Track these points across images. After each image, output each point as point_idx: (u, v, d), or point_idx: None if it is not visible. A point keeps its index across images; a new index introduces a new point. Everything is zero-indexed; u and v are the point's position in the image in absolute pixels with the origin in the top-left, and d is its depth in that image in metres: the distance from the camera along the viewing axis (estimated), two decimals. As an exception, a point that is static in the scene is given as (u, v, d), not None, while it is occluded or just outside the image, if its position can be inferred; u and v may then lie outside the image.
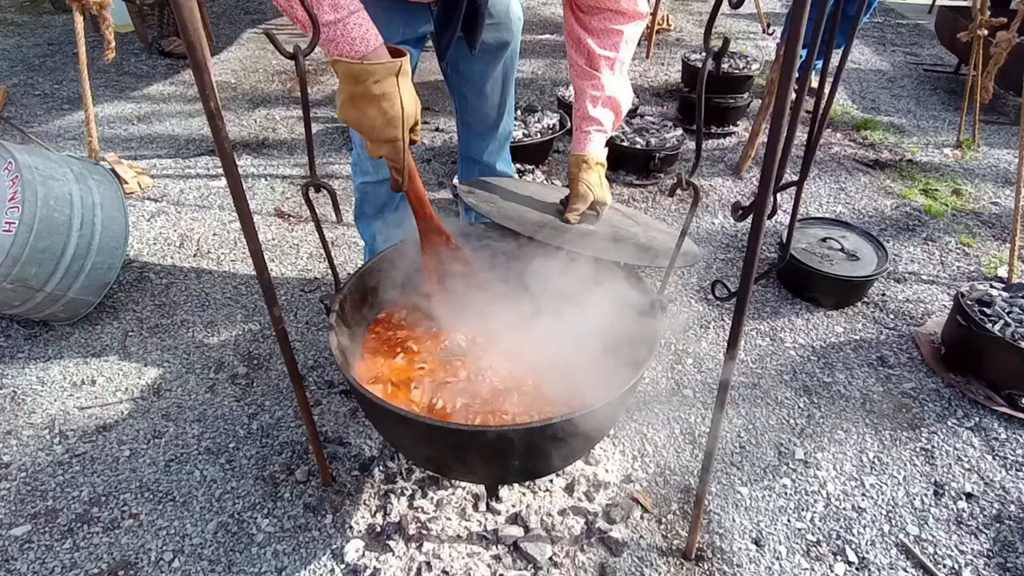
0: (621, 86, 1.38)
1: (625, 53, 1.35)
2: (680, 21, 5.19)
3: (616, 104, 1.37)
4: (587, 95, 1.35)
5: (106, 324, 1.98)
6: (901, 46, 4.87)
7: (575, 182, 1.34)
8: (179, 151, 3.03)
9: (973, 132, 3.28)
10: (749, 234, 0.94)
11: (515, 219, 1.29)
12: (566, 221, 1.34)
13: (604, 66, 1.34)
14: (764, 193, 0.95)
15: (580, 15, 1.32)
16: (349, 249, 2.35)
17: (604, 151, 1.38)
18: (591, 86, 1.35)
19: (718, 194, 2.76)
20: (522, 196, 1.43)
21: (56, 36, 4.63)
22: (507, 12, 1.57)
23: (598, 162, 1.36)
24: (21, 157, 1.73)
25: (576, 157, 1.36)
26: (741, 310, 0.99)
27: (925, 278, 2.30)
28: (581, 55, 1.35)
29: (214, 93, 0.89)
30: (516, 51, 1.70)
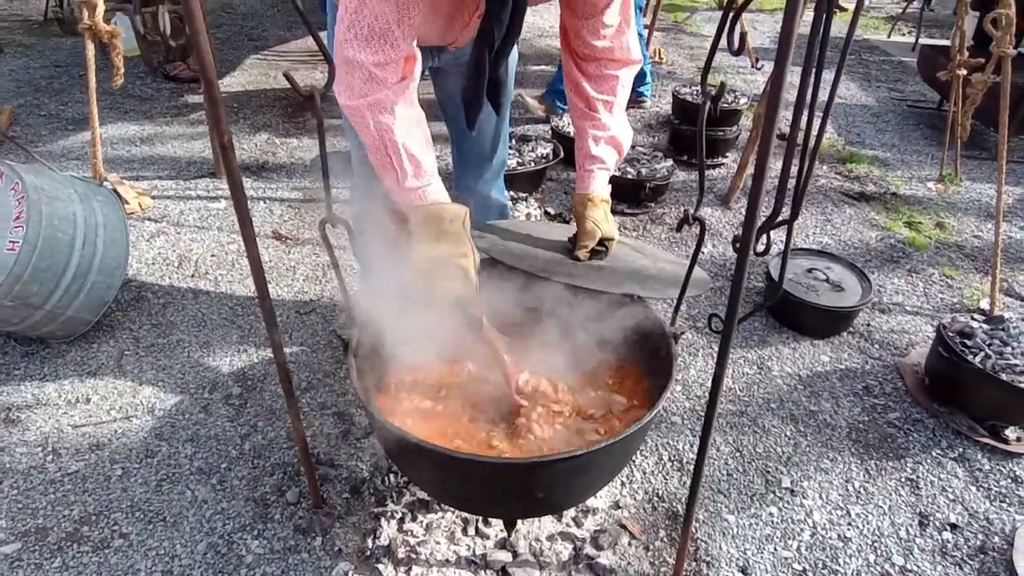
0: (621, 125, 1.43)
1: (621, 96, 1.42)
2: (672, 55, 5.34)
3: (618, 143, 1.43)
4: (588, 135, 1.41)
5: (102, 343, 2.00)
6: (886, 82, 5.02)
7: (582, 220, 1.38)
8: (180, 173, 3.08)
9: (955, 167, 3.37)
10: (734, 271, 0.99)
11: (527, 260, 1.33)
12: (576, 258, 1.38)
13: (602, 108, 1.40)
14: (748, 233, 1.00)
15: (578, 61, 1.39)
16: (345, 274, 2.38)
17: (608, 188, 1.43)
18: (592, 126, 1.41)
19: (707, 222, 2.82)
20: (530, 237, 1.46)
21: (63, 59, 4.72)
22: None
23: (603, 199, 1.40)
24: (28, 178, 1.77)
25: (582, 196, 1.40)
26: (725, 348, 1.02)
27: (909, 309, 2.35)
28: (580, 98, 1.41)
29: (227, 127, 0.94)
30: (512, 87, 1.77)
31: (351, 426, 1.74)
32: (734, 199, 2.95)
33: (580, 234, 1.39)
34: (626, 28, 1.36)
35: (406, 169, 1.16)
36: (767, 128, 0.89)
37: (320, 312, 2.17)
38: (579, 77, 1.40)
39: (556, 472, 1.06)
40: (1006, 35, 2.12)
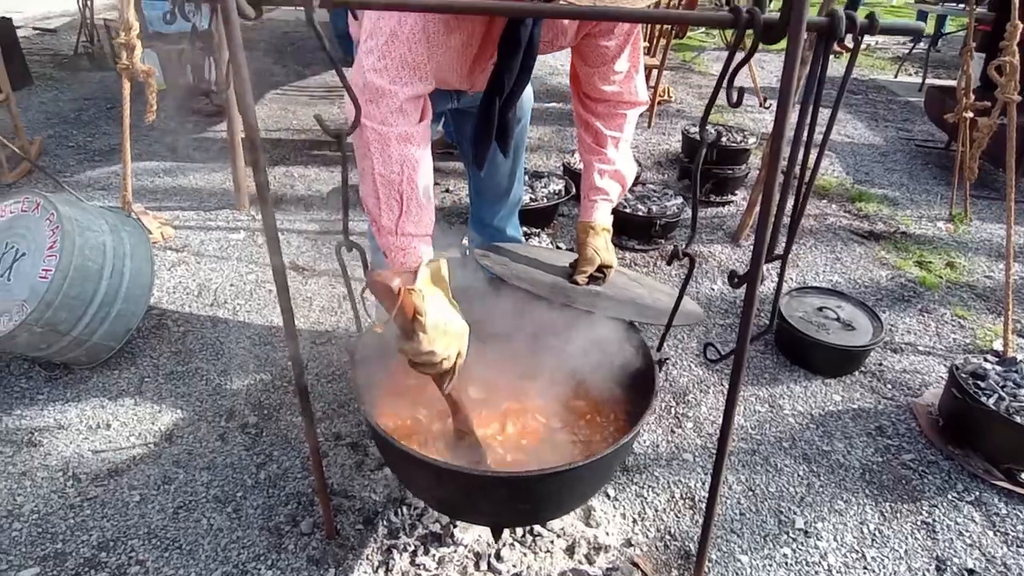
0: (626, 161, 1.50)
1: (628, 133, 1.50)
2: (680, 93, 5.46)
3: (622, 177, 1.50)
4: (595, 168, 1.48)
5: (124, 369, 2.04)
6: (893, 122, 5.10)
7: (583, 247, 1.44)
8: (201, 204, 3.16)
9: (965, 206, 3.40)
10: (744, 302, 1.02)
11: (528, 280, 1.38)
12: (575, 283, 1.43)
13: (610, 144, 1.48)
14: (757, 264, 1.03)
15: (588, 102, 1.47)
16: (359, 304, 2.42)
17: (610, 218, 1.50)
18: (598, 160, 1.48)
19: (717, 260, 2.86)
20: (533, 260, 1.52)
21: (91, 92, 4.89)
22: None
23: (604, 228, 1.46)
24: (63, 209, 1.84)
25: (584, 224, 1.46)
26: (736, 380, 1.05)
27: (921, 349, 2.35)
28: (589, 135, 1.48)
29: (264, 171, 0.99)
30: (526, 127, 1.84)
31: (365, 457, 1.75)
32: (744, 236, 2.99)
33: (580, 260, 1.45)
34: (635, 73, 1.44)
35: (411, 212, 1.15)
36: (771, 171, 0.93)
37: (336, 343, 2.20)
38: (589, 116, 1.48)
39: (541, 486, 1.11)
40: (1010, 82, 2.17)
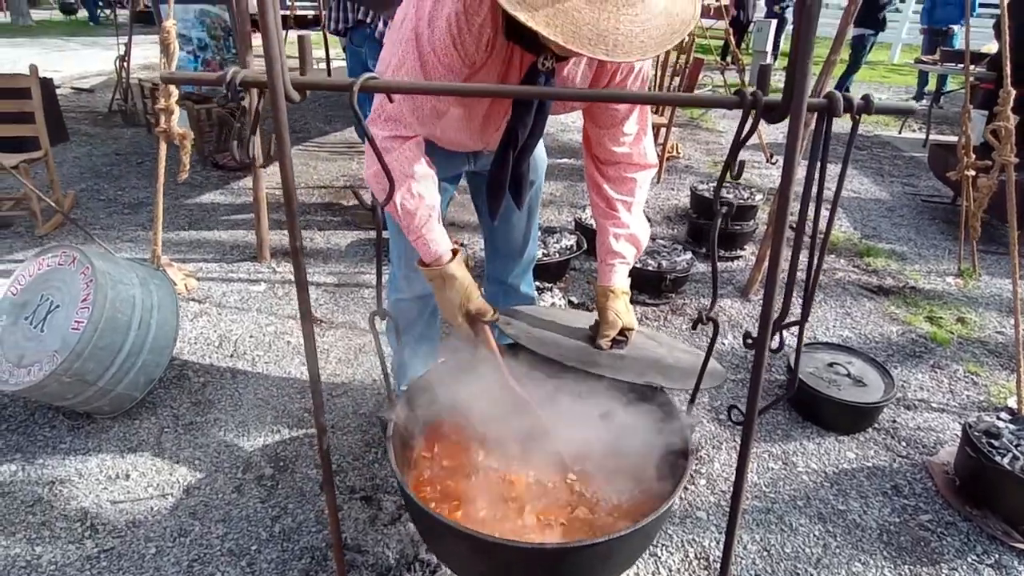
0: (639, 223, 1.53)
1: (639, 196, 1.53)
2: (688, 149, 5.62)
3: (636, 240, 1.53)
4: (609, 232, 1.51)
5: (144, 419, 2.08)
6: (899, 177, 5.19)
7: (604, 311, 1.45)
8: (224, 256, 3.27)
9: (973, 262, 3.43)
10: (752, 368, 1.05)
11: (552, 346, 1.39)
12: (598, 347, 1.44)
13: (622, 208, 1.51)
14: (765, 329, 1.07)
15: (599, 165, 1.52)
16: (375, 356, 2.47)
17: (628, 281, 1.52)
18: (612, 224, 1.51)
19: (727, 315, 2.90)
20: (555, 323, 1.53)
21: (123, 147, 5.14)
22: (533, 158, 1.74)
23: (623, 291, 1.49)
24: (97, 263, 1.93)
25: (603, 288, 1.49)
26: (747, 442, 1.07)
27: (935, 406, 2.35)
28: (601, 199, 1.53)
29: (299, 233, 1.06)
30: (540, 187, 1.91)
31: (379, 511, 1.76)
32: (753, 291, 3.03)
33: (603, 324, 1.46)
34: (643, 136, 1.48)
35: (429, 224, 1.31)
36: (777, 234, 0.98)
37: (351, 395, 2.24)
38: (600, 179, 1.52)
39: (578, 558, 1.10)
40: (1006, 145, 2.25)
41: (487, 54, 1.20)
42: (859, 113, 0.98)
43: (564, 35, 0.95)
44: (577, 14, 0.95)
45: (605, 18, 0.96)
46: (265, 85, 0.93)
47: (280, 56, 0.91)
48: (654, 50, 1.00)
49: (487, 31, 1.15)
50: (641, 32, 0.98)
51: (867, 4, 6.54)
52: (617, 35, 0.96)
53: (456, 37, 1.14)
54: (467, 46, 1.16)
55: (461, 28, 1.13)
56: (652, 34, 1.00)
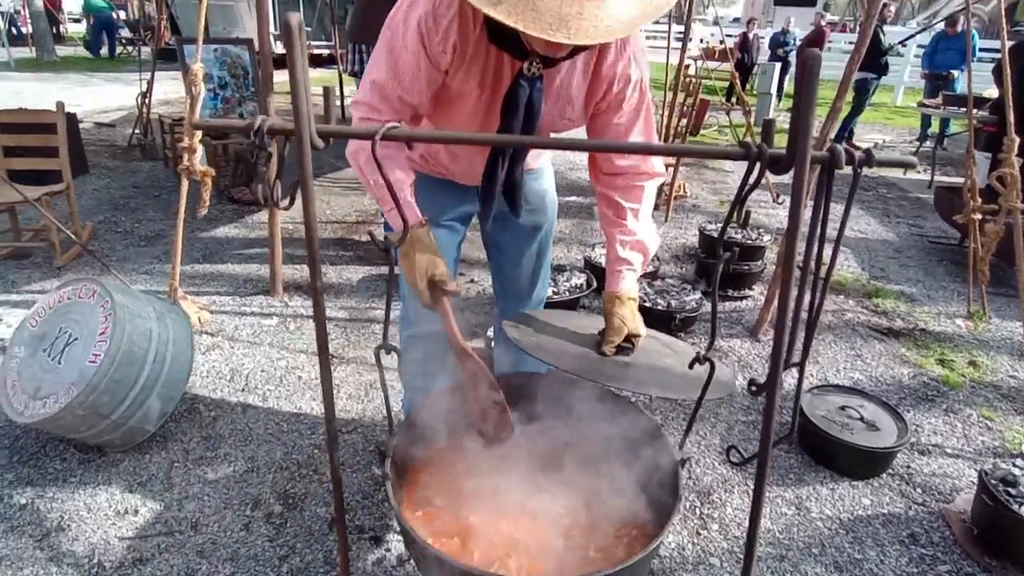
0: (646, 230, 1.51)
1: (647, 204, 1.52)
2: (695, 189, 5.69)
3: (644, 247, 1.51)
4: (617, 240, 1.49)
5: (155, 453, 2.08)
6: (905, 218, 5.23)
7: (610, 316, 1.43)
8: (237, 289, 3.31)
9: (982, 304, 3.43)
10: (764, 409, 1.06)
11: (555, 353, 1.37)
12: (602, 353, 1.41)
13: (629, 215, 1.49)
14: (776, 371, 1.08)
15: (606, 177, 1.51)
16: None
17: (635, 287, 1.50)
18: (619, 232, 1.50)
19: (736, 355, 2.89)
20: (561, 329, 1.52)
21: (140, 180, 5.26)
22: (542, 199, 1.77)
23: (630, 297, 1.46)
24: (117, 297, 1.96)
25: (610, 294, 1.47)
26: (760, 488, 1.07)
27: (950, 451, 2.32)
28: (609, 208, 1.52)
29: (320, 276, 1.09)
30: (551, 230, 1.89)
31: (387, 552, 1.74)
32: (762, 331, 3.03)
33: (608, 330, 1.43)
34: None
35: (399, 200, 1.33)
36: (785, 282, 1.00)
37: (361, 431, 2.24)
38: (608, 190, 1.50)
39: None
40: (1012, 191, 2.28)
41: (453, 57, 1.23)
42: (860, 166, 1.02)
43: (524, 21, 0.96)
44: (540, 2, 0.96)
45: (568, 4, 0.96)
46: (292, 133, 0.97)
47: (308, 108, 0.95)
48: (622, 32, 1.00)
49: (453, 35, 1.20)
50: (607, 17, 0.98)
51: (870, 49, 6.71)
52: (580, 20, 0.96)
53: (424, 37, 1.19)
54: (434, 48, 1.21)
55: (429, 29, 1.18)
56: (620, 18, 1.00)
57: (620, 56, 1.31)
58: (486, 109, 1.34)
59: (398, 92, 1.28)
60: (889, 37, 7.98)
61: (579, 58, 1.29)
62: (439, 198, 1.63)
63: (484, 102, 1.33)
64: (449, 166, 1.58)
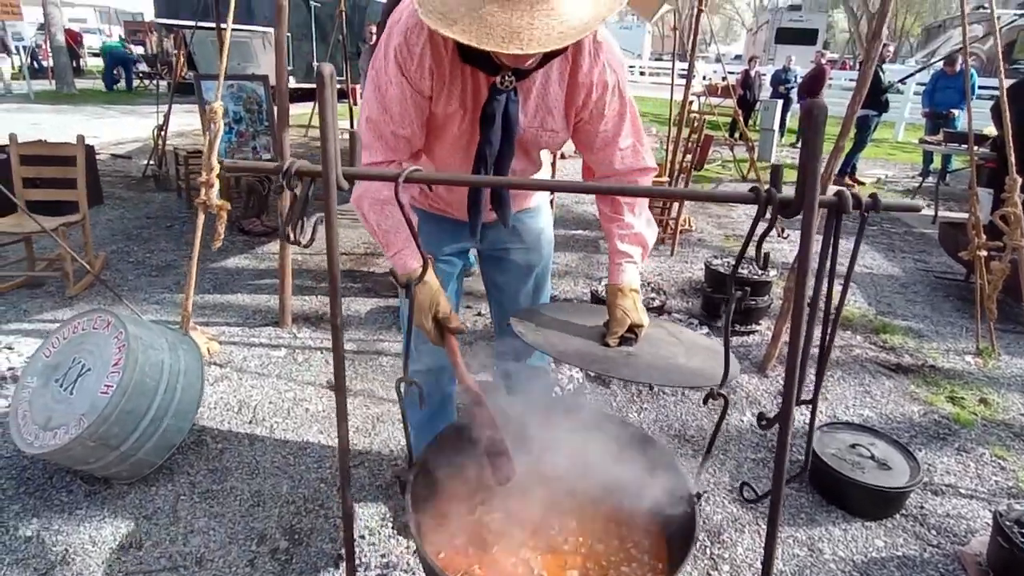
0: (644, 223, 1.55)
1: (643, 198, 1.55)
2: (701, 223, 5.74)
3: (642, 239, 1.54)
4: (616, 235, 1.52)
5: (161, 485, 2.08)
6: (910, 253, 5.24)
7: (613, 308, 1.44)
8: (247, 320, 3.34)
9: (991, 340, 3.41)
10: (777, 444, 1.06)
11: (555, 344, 1.38)
12: (606, 345, 1.41)
13: (626, 210, 1.52)
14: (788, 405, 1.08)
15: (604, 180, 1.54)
16: (393, 425, 2.48)
17: (637, 279, 1.52)
18: (617, 227, 1.53)
19: (745, 391, 2.88)
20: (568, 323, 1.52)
21: (153, 211, 5.35)
22: (538, 238, 1.78)
23: (632, 289, 1.47)
24: (131, 328, 1.99)
25: (612, 287, 1.49)
26: (773, 532, 1.06)
27: (963, 492, 2.28)
28: (605, 204, 1.55)
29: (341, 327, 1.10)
30: (547, 267, 1.87)
31: (393, 590, 1.72)
32: (770, 367, 3.02)
33: (611, 322, 1.44)
34: (640, 145, 1.50)
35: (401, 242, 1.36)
36: (795, 324, 1.01)
37: (368, 466, 2.23)
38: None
39: None
40: (1016, 229, 2.30)
41: (432, 80, 1.29)
42: (867, 211, 1.04)
43: (478, 38, 1.02)
44: (491, 18, 1.02)
45: (518, 16, 1.01)
46: (319, 175, 1.01)
47: (336, 152, 0.99)
48: (575, 36, 1.04)
49: (428, 60, 1.25)
50: (559, 24, 1.02)
51: (870, 88, 6.84)
52: (532, 30, 1.01)
53: (402, 66, 1.26)
54: (412, 74, 1.26)
55: (405, 58, 1.25)
56: (572, 23, 1.04)
57: (595, 63, 1.34)
58: (471, 129, 1.38)
59: (391, 127, 1.33)
60: (889, 75, 8.14)
61: (554, 69, 1.33)
62: (436, 234, 1.67)
63: (468, 122, 1.37)
64: (445, 195, 1.61)
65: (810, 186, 0.97)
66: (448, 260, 1.73)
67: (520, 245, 1.74)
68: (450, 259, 1.74)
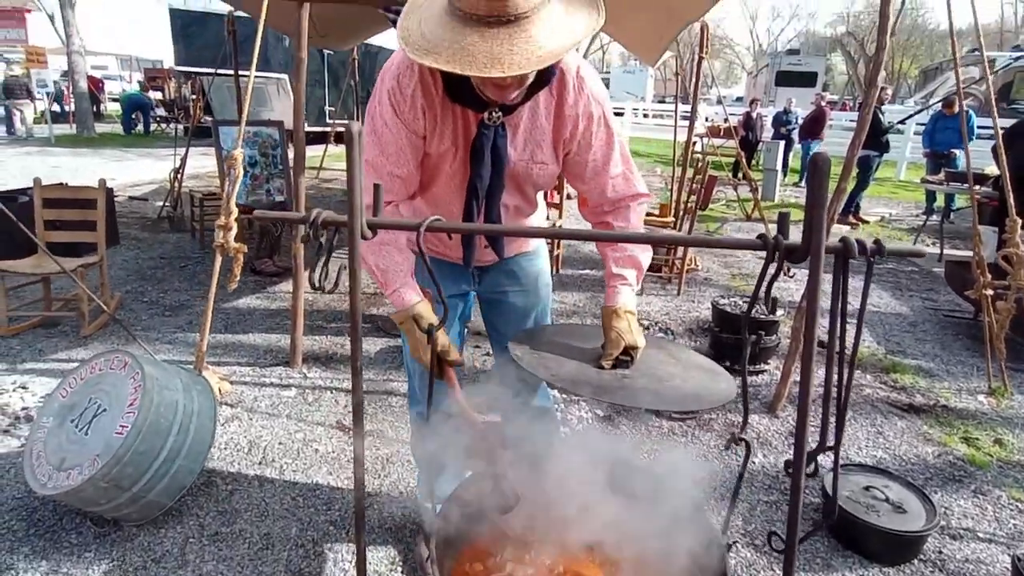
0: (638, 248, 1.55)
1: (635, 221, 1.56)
2: (707, 262, 5.78)
3: (636, 262, 1.53)
4: (610, 258, 1.53)
5: (170, 528, 2.07)
6: (917, 292, 5.24)
7: (608, 331, 1.43)
8: (257, 360, 3.37)
9: (1003, 379, 3.39)
10: (790, 494, 1.06)
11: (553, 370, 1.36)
12: (600, 367, 1.39)
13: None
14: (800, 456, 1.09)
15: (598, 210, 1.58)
16: (403, 467, 2.47)
17: (632, 301, 1.50)
18: (612, 250, 1.54)
19: (755, 431, 2.86)
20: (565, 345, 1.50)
21: (168, 251, 5.45)
22: (536, 281, 1.80)
23: (627, 311, 1.46)
24: (148, 368, 2.02)
25: (607, 309, 1.48)
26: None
27: (982, 536, 2.24)
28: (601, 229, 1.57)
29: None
30: (546, 310, 1.88)
31: (402, 637, 1.69)
32: (780, 407, 3.01)
33: (606, 344, 1.42)
34: (630, 172, 1.53)
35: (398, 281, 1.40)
36: (805, 371, 1.03)
37: (377, 508, 2.21)
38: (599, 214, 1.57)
39: None
40: (1019, 270, 2.32)
41: (425, 119, 1.35)
42: (872, 256, 1.07)
43: (462, 65, 1.09)
44: (472, 47, 1.09)
45: (498, 44, 1.08)
46: (344, 225, 1.06)
47: (360, 203, 1.04)
48: (552, 59, 1.12)
49: (419, 100, 1.32)
50: (537, 49, 1.10)
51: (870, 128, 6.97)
52: (512, 55, 1.08)
53: (396, 108, 1.33)
54: (406, 115, 1.33)
55: (398, 100, 1.32)
56: (549, 47, 1.11)
57: (579, 95, 1.39)
58: (463, 167, 1.43)
59: (388, 167, 1.40)
60: (888, 115, 8.30)
61: (540, 103, 1.39)
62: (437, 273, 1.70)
63: (460, 160, 1.42)
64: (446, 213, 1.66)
65: (816, 233, 1.01)
66: (448, 302, 1.77)
67: (518, 288, 1.77)
68: (450, 301, 1.77)
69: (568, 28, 1.17)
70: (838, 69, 42.80)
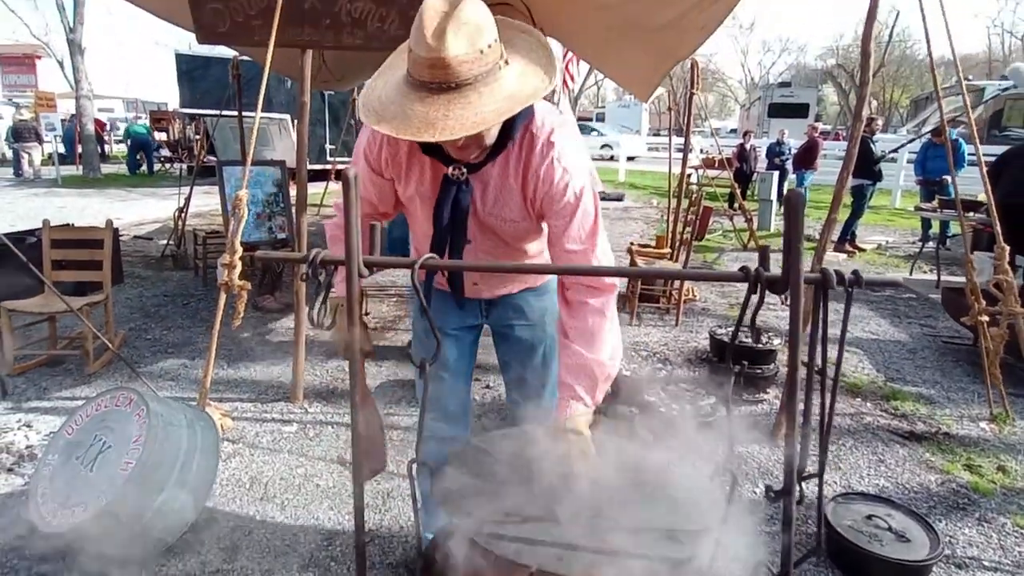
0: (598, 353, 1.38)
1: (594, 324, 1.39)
2: (704, 292, 5.82)
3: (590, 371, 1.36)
4: (562, 363, 1.40)
5: (171, 565, 2.07)
6: (916, 318, 5.27)
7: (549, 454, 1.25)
8: (259, 396, 3.39)
9: (1004, 406, 3.39)
10: (782, 523, 1.07)
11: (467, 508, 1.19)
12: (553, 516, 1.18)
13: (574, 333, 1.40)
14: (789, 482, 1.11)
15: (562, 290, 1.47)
16: (403, 502, 2.47)
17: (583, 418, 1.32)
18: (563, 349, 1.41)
19: (756, 461, 2.86)
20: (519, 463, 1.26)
21: (171, 289, 5.51)
22: (543, 316, 1.78)
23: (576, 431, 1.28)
24: (153, 406, 2.05)
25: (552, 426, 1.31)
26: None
27: (987, 564, 2.22)
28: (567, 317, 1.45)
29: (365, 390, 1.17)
30: (554, 345, 1.77)
31: (404, 676, 1.68)
32: (780, 435, 3.01)
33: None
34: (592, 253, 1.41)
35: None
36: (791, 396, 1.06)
37: (378, 543, 2.21)
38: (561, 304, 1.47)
39: None
40: (1010, 295, 2.36)
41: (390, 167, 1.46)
42: (851, 286, 1.11)
43: (398, 129, 1.16)
44: (411, 112, 1.16)
45: (434, 111, 1.15)
46: (342, 263, 1.11)
47: (358, 244, 1.09)
48: (487, 124, 1.17)
49: (385, 151, 1.43)
50: (473, 115, 1.15)
51: (862, 158, 7.09)
52: (446, 121, 1.14)
53: (368, 158, 1.46)
54: (373, 160, 1.46)
55: (370, 143, 1.45)
56: (485, 112, 1.15)
57: (543, 159, 1.37)
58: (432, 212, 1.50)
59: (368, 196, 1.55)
60: (880, 144, 8.46)
61: (510, 162, 1.40)
62: (442, 310, 1.75)
63: (430, 206, 1.48)
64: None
65: (794, 267, 1.06)
66: (456, 336, 1.80)
67: (524, 322, 1.80)
68: (457, 334, 1.81)
69: (511, 94, 1.19)
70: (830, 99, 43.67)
